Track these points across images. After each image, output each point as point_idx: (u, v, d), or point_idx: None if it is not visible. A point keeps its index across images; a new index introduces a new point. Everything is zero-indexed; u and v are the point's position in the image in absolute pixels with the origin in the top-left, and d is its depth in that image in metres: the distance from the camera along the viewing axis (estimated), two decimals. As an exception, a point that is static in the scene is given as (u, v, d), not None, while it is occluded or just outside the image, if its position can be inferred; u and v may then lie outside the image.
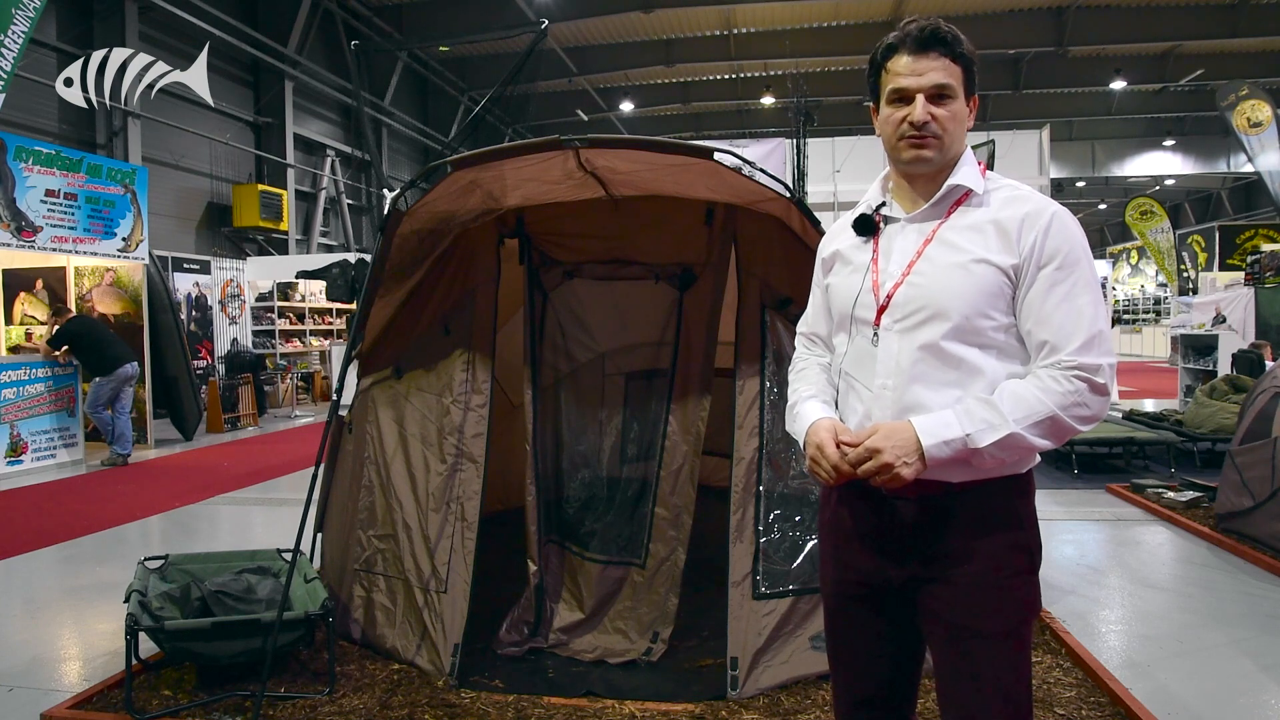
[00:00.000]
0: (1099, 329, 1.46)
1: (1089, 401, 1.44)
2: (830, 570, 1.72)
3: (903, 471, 1.45)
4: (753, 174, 2.93)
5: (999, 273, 1.50)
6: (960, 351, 1.51)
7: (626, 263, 3.53)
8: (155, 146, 12.99)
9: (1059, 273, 1.48)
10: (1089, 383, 1.44)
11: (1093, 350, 1.45)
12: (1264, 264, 11.37)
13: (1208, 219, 28.27)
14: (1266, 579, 4.30)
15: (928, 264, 1.54)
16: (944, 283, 1.52)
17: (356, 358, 3.74)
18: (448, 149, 18.30)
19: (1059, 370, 1.45)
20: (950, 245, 1.54)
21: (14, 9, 7.27)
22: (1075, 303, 1.47)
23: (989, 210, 1.55)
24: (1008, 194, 1.56)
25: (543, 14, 15.81)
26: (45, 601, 4.25)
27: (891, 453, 1.46)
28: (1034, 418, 1.44)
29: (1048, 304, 1.48)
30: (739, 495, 3.11)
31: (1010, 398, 1.46)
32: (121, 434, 8.16)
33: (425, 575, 3.24)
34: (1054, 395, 1.44)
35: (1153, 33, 18.37)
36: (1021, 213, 1.51)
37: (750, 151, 12.26)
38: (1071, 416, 1.44)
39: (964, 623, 1.53)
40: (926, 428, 1.46)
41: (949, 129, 1.53)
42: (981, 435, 1.44)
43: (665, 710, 2.84)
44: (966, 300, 1.50)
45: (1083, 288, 1.48)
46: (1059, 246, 1.49)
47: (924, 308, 1.52)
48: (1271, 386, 4.98)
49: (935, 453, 1.45)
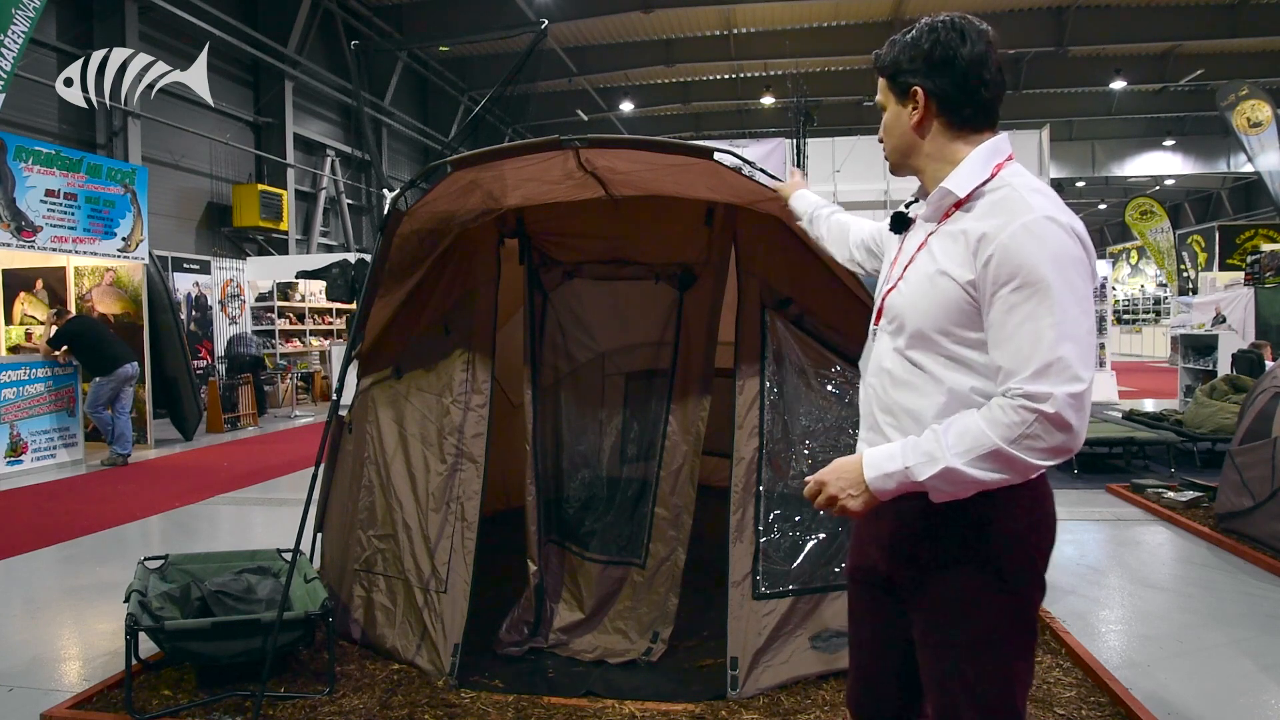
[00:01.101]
0: (1059, 354, 1.32)
1: (1041, 434, 1.33)
2: (850, 554, 1.80)
3: (849, 504, 1.49)
4: (753, 174, 2.93)
5: (957, 287, 1.45)
6: (923, 360, 1.51)
7: (626, 263, 3.53)
8: (155, 146, 12.99)
9: (1017, 294, 1.36)
10: (1038, 414, 1.32)
11: (1046, 378, 1.32)
12: (1264, 264, 11.37)
13: (1208, 219, 28.28)
14: (1266, 579, 4.30)
15: (913, 271, 1.55)
16: (915, 292, 1.52)
17: (356, 358, 3.74)
18: (448, 149, 18.30)
19: (1007, 400, 1.36)
20: (930, 254, 1.52)
21: (14, 9, 7.27)
22: (1036, 325, 1.34)
23: (969, 217, 1.47)
24: (995, 198, 1.46)
25: (543, 14, 15.81)
26: (45, 601, 4.25)
27: (836, 485, 1.50)
28: (976, 451, 1.37)
29: (1006, 326, 1.38)
30: (739, 495, 3.11)
31: (956, 431, 1.40)
32: (121, 434, 8.16)
33: (425, 575, 3.24)
34: (998, 427, 1.35)
35: (1153, 33, 18.37)
36: (986, 226, 1.42)
37: (750, 151, 12.25)
38: (1022, 450, 1.34)
39: (935, 629, 1.56)
40: (872, 461, 1.47)
41: (884, 139, 1.64)
42: (921, 468, 1.41)
43: (665, 710, 2.84)
44: (925, 313, 1.49)
45: (1045, 309, 1.34)
46: (1020, 264, 1.36)
47: (900, 314, 1.55)
48: (1271, 386, 4.98)
49: (878, 485, 1.46)
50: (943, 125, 1.54)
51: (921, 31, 1.53)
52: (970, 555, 1.51)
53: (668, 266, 3.47)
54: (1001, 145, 1.52)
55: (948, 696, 1.55)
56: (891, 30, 20.08)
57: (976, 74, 1.51)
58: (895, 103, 1.59)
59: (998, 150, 1.51)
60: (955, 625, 1.53)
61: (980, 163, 1.50)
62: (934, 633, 1.56)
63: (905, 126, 1.57)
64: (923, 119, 1.54)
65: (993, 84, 1.52)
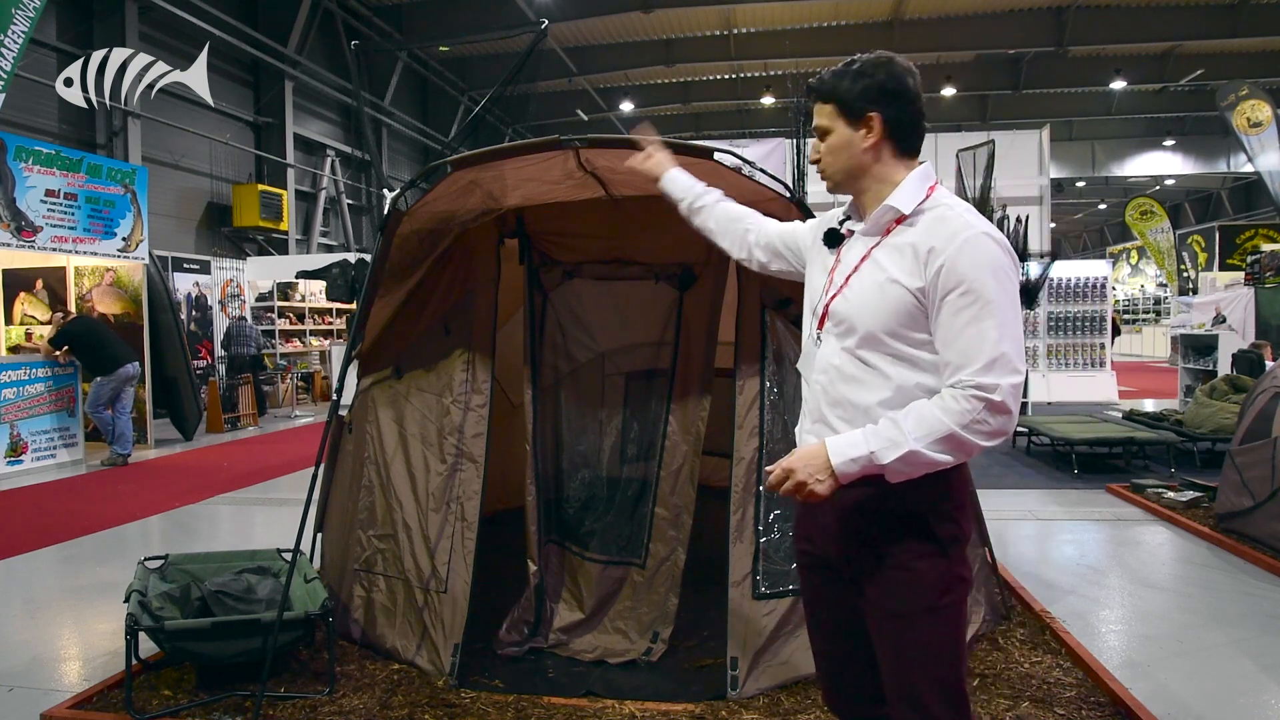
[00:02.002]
0: (1001, 351, 1.55)
1: (987, 419, 1.55)
2: (798, 544, 1.93)
3: (816, 489, 1.62)
4: (753, 174, 2.93)
5: (908, 293, 1.63)
6: (873, 359, 1.68)
7: (626, 263, 3.53)
8: (155, 146, 12.99)
9: (963, 298, 1.57)
10: (986, 402, 1.54)
11: (992, 371, 1.54)
12: (1264, 264, 11.37)
13: (1208, 219, 28.27)
14: (1266, 579, 4.30)
15: (858, 279, 1.71)
16: (862, 299, 1.68)
17: (356, 358, 3.74)
18: (448, 149, 18.29)
19: (959, 390, 1.56)
20: (876, 264, 1.69)
21: (14, 9, 7.27)
22: (979, 326, 1.56)
23: (914, 232, 1.66)
24: (935, 214, 1.66)
25: (543, 14, 15.80)
26: (45, 601, 4.25)
27: (804, 472, 1.63)
28: (934, 435, 1.55)
29: (953, 328, 1.58)
30: (739, 495, 3.11)
31: (914, 417, 1.58)
32: (122, 434, 8.16)
33: (425, 575, 3.24)
34: (952, 414, 1.55)
35: (1153, 33, 18.36)
36: (933, 240, 1.62)
37: (750, 151, 12.25)
38: (970, 433, 1.55)
39: (883, 603, 1.70)
40: (836, 448, 1.62)
41: (827, 160, 1.77)
42: (885, 453, 1.57)
43: (665, 710, 2.85)
44: (876, 316, 1.66)
45: (988, 312, 1.56)
46: (965, 273, 1.57)
47: (847, 318, 1.70)
48: (1271, 386, 4.98)
49: (844, 469, 1.60)
50: (889, 150, 1.72)
51: (872, 65, 1.71)
52: (908, 528, 1.68)
53: (668, 266, 3.47)
54: (930, 171, 1.74)
55: (901, 667, 1.68)
56: (891, 30, 19.93)
57: (919, 106, 1.72)
58: (846, 127, 1.73)
59: (928, 175, 1.73)
60: (903, 594, 1.67)
61: (917, 184, 1.70)
62: (884, 606, 1.69)
63: (857, 149, 1.72)
64: (876, 144, 1.71)
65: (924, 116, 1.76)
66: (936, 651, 1.67)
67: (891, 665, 1.71)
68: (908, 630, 1.67)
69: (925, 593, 1.66)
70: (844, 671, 1.88)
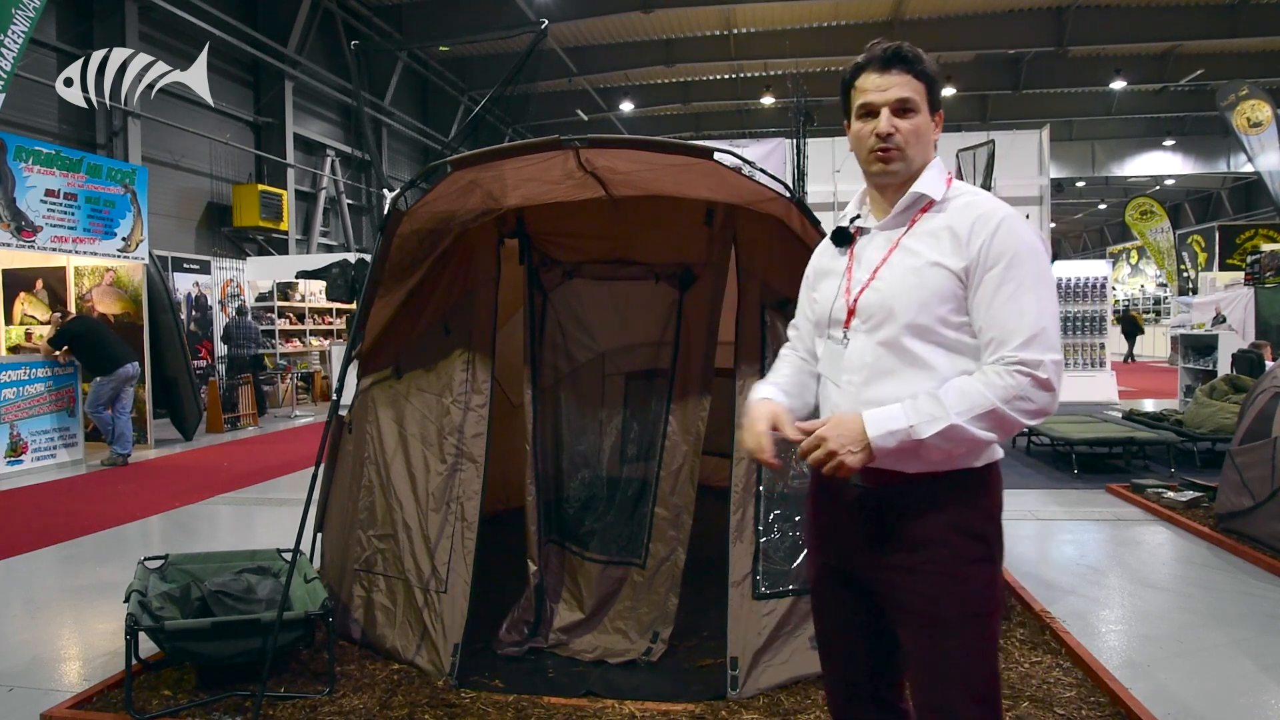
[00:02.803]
0: (1042, 326, 1.52)
1: (1032, 395, 1.51)
2: (811, 555, 1.84)
3: (847, 459, 1.54)
4: (753, 174, 2.93)
5: (950, 275, 1.59)
6: (915, 348, 1.60)
7: (626, 263, 3.53)
8: (155, 146, 12.99)
9: (1006, 273, 1.55)
10: (1031, 377, 1.50)
11: (1034, 346, 1.51)
12: (1264, 264, 11.37)
13: (1208, 219, 28.27)
14: (1266, 579, 4.30)
15: (889, 269, 1.65)
16: (899, 286, 1.62)
17: (356, 358, 3.74)
18: (448, 149, 18.29)
19: (1002, 365, 1.52)
20: (909, 251, 1.64)
21: (14, 9, 7.27)
22: (1019, 302, 1.53)
23: (945, 216, 1.63)
24: (965, 200, 1.64)
25: (543, 14, 15.80)
26: (45, 601, 4.25)
27: (837, 441, 1.54)
28: (976, 410, 1.51)
29: (995, 303, 1.55)
30: (739, 495, 3.11)
31: (955, 392, 1.53)
32: (121, 434, 8.16)
33: (425, 575, 3.24)
34: (996, 389, 1.51)
35: (1153, 33, 18.36)
36: (973, 217, 1.59)
37: (750, 151, 12.25)
38: (1014, 410, 1.51)
39: (924, 610, 1.61)
40: (874, 419, 1.55)
41: (910, 141, 1.64)
42: (925, 426, 1.51)
43: (665, 710, 2.84)
44: (919, 301, 1.59)
45: (1027, 287, 1.54)
46: (1005, 248, 1.56)
47: (881, 309, 1.63)
48: (1271, 386, 4.98)
49: (881, 443, 1.53)
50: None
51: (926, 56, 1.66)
52: (958, 529, 1.60)
53: (668, 266, 3.47)
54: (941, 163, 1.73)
55: (935, 677, 1.60)
56: (891, 30, 19.87)
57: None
58: (929, 112, 1.66)
59: (943, 167, 1.72)
60: (946, 600, 1.59)
61: (939, 174, 1.69)
62: (923, 613, 1.61)
63: (928, 140, 1.67)
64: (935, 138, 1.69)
65: None
66: (976, 663, 1.60)
67: (925, 676, 1.63)
68: (947, 639, 1.59)
69: (970, 599, 1.59)
70: (855, 685, 1.80)
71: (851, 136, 1.71)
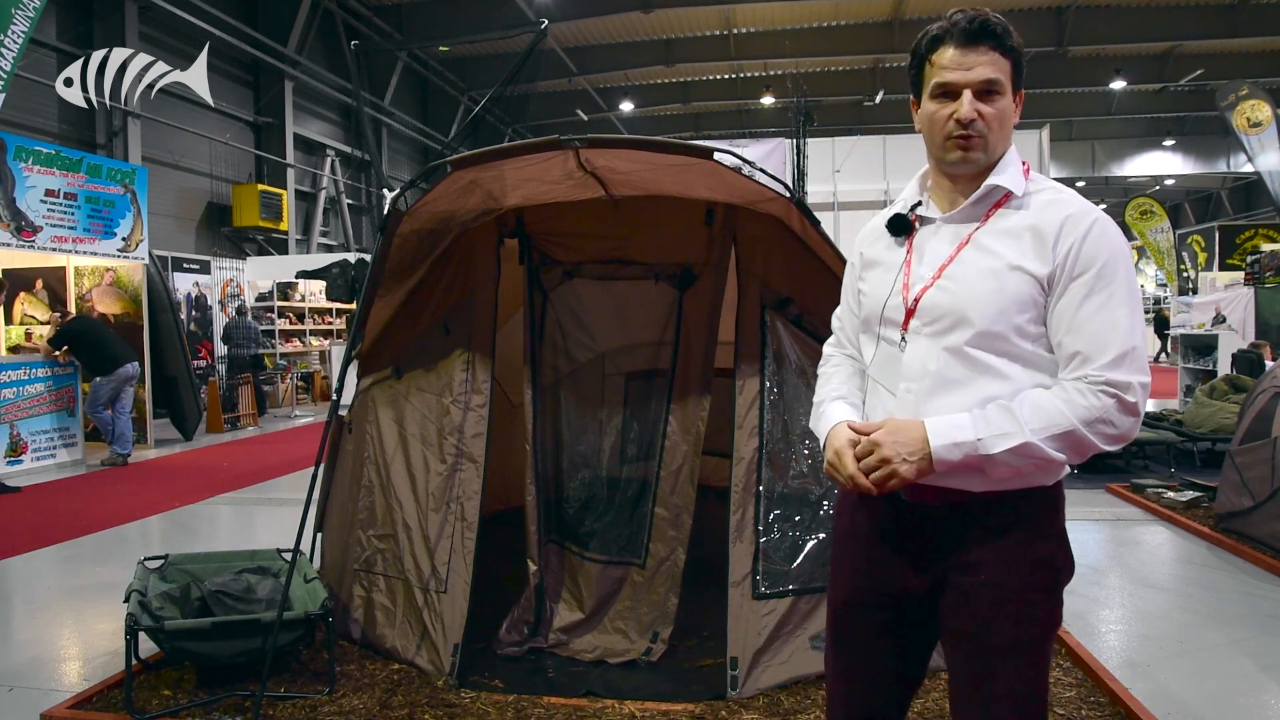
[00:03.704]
0: (1133, 344, 1.38)
1: (1115, 419, 1.37)
2: (845, 579, 1.65)
3: (901, 469, 1.41)
4: (753, 174, 2.93)
5: (1032, 281, 1.43)
6: (986, 359, 1.45)
7: (626, 263, 3.53)
8: (155, 146, 12.99)
9: (1096, 282, 1.39)
10: (1118, 400, 1.36)
11: (1124, 366, 1.37)
12: (1264, 264, 11.37)
13: (1208, 219, 28.27)
14: (1266, 579, 4.30)
15: (960, 268, 1.48)
16: (975, 288, 1.45)
17: (356, 358, 3.74)
18: (448, 149, 18.29)
19: (1086, 384, 1.38)
20: (985, 250, 1.47)
21: (14, 9, 7.26)
22: (1111, 315, 1.39)
23: (1028, 214, 1.46)
24: (1049, 197, 1.47)
25: (543, 14, 15.80)
26: (45, 601, 4.25)
27: (891, 448, 1.42)
28: (1053, 430, 1.37)
29: (1081, 313, 1.40)
30: (739, 495, 3.11)
31: (1031, 406, 1.39)
32: (121, 434, 8.16)
33: (425, 575, 3.24)
34: (1077, 409, 1.37)
35: (1153, 33, 18.37)
36: (1061, 217, 1.43)
37: (750, 151, 12.25)
38: (1094, 433, 1.37)
39: (980, 635, 1.48)
40: (937, 428, 1.41)
41: (994, 128, 1.46)
42: (995, 441, 1.37)
43: (665, 710, 2.84)
44: (996, 307, 1.43)
45: (1120, 300, 1.39)
46: (1097, 254, 1.40)
47: (951, 312, 1.46)
48: (1271, 386, 4.98)
49: (943, 454, 1.40)
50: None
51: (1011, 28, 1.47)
52: (1028, 554, 1.48)
53: (668, 266, 3.47)
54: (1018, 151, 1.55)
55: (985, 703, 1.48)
56: (891, 30, 19.92)
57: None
58: (1011, 92, 1.47)
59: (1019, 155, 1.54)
60: (1004, 628, 1.46)
61: (1018, 164, 1.51)
62: (977, 637, 1.48)
63: (1010, 124, 1.49)
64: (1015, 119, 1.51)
65: None
66: (1025, 687, 1.47)
67: (973, 704, 1.50)
68: (1003, 667, 1.46)
69: (1027, 628, 1.46)
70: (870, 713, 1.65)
71: (923, 117, 1.51)
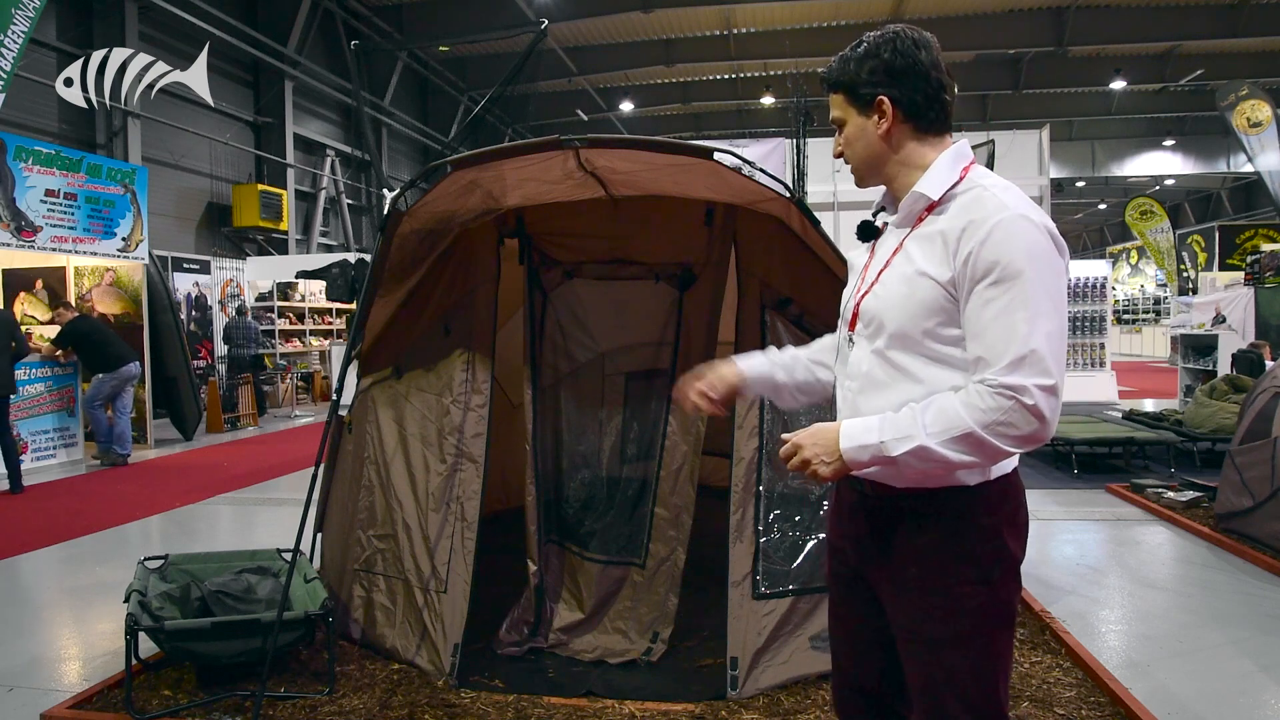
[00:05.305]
0: (1032, 347, 1.38)
1: (1016, 422, 1.38)
2: (828, 553, 1.81)
3: (820, 470, 1.50)
4: (753, 174, 2.93)
5: (937, 286, 1.48)
6: (904, 362, 1.53)
7: (626, 263, 3.53)
8: (155, 146, 12.99)
9: (994, 288, 1.41)
10: (1016, 402, 1.38)
11: (1021, 370, 1.38)
12: (1264, 264, 11.37)
13: (1208, 219, 28.25)
14: (1266, 579, 4.30)
15: (889, 273, 1.57)
16: (892, 293, 1.54)
17: (356, 358, 3.74)
18: (448, 149, 18.29)
19: (985, 387, 1.40)
20: (907, 256, 1.55)
21: (14, 9, 7.26)
22: (1009, 318, 1.40)
23: (944, 219, 1.51)
24: (967, 199, 1.50)
25: (543, 14, 15.80)
26: (45, 601, 4.25)
27: (810, 450, 1.51)
28: (951, 433, 1.41)
29: (982, 317, 1.43)
30: (739, 495, 3.11)
31: (935, 410, 1.44)
32: (121, 434, 8.16)
33: (425, 575, 3.24)
34: (975, 412, 1.40)
35: (1153, 33, 18.36)
36: (964, 222, 1.46)
37: (750, 151, 12.24)
38: (995, 435, 1.39)
39: (911, 626, 1.56)
40: (849, 431, 1.49)
41: (850, 154, 1.64)
42: (896, 444, 1.44)
43: (665, 710, 2.84)
44: (906, 313, 1.51)
45: (1020, 303, 1.40)
46: (997, 258, 1.41)
47: (877, 317, 1.56)
48: (1271, 386, 4.98)
49: (852, 455, 1.48)
50: (909, 132, 1.57)
51: (877, 44, 1.57)
52: (948, 550, 1.53)
53: (668, 266, 3.47)
54: (964, 149, 1.58)
55: (931, 692, 1.55)
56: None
57: (937, 79, 1.55)
58: (858, 115, 1.61)
59: (962, 154, 1.57)
60: (936, 621, 1.53)
61: (948, 166, 1.55)
62: (915, 629, 1.56)
63: (873, 137, 1.59)
64: (891, 128, 1.57)
65: (949, 87, 1.58)
66: (970, 679, 1.52)
67: (921, 691, 1.57)
68: (938, 656, 1.53)
69: (958, 620, 1.51)
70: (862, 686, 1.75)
71: None
